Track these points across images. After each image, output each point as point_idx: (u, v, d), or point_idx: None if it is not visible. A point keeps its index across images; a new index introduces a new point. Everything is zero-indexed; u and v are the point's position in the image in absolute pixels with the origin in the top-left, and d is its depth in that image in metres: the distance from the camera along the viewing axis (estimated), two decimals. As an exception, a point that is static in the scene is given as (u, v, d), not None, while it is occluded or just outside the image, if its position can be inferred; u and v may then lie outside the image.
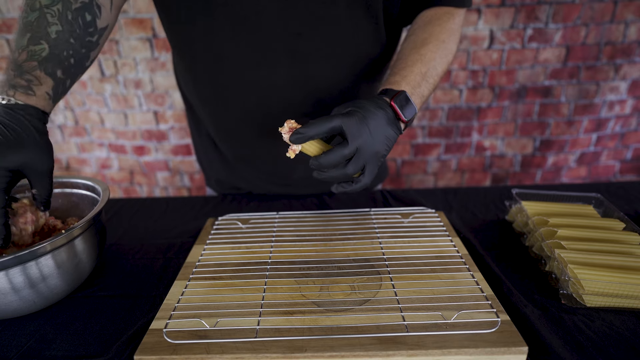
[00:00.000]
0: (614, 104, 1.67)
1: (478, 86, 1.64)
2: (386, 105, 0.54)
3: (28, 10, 0.51)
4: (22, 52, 0.50)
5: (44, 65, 0.51)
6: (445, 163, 1.82)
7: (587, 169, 1.84)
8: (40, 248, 0.48)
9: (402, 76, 0.59)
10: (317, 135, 0.51)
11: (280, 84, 0.69)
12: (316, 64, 0.68)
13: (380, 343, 0.44)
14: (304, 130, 0.50)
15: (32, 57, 0.50)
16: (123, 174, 1.82)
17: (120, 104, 1.62)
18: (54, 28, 0.51)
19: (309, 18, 0.63)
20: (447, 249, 0.61)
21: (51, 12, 0.51)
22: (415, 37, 0.65)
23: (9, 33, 1.44)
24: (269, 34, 0.64)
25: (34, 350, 0.48)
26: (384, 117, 0.53)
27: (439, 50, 0.63)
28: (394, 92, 0.56)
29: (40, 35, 0.51)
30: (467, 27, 1.52)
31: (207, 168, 0.92)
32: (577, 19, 1.48)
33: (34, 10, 0.51)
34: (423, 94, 0.60)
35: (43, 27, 0.51)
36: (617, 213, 0.65)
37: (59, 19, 0.51)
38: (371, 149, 0.52)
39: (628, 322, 0.49)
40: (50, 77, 0.51)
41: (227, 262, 0.60)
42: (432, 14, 0.67)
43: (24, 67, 0.50)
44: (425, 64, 0.61)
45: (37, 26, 0.51)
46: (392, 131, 0.53)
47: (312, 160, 0.52)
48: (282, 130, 0.52)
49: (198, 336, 0.46)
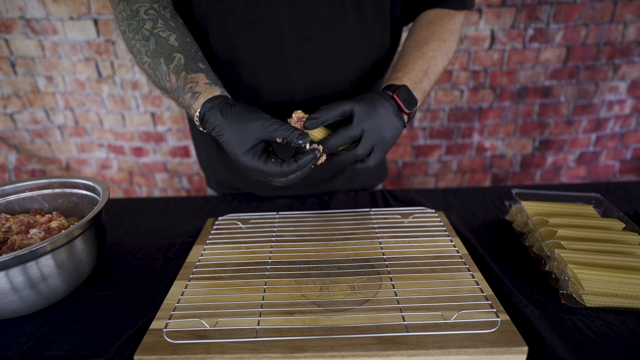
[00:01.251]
0: (613, 104, 1.67)
1: (479, 87, 1.63)
2: (390, 98, 0.56)
3: (142, 42, 0.56)
4: (171, 75, 0.55)
5: (187, 69, 0.55)
6: (446, 164, 1.81)
7: (586, 169, 1.84)
8: (40, 248, 0.48)
9: (404, 72, 0.61)
10: (330, 119, 0.53)
11: (290, 89, 0.69)
12: (324, 68, 0.68)
13: (380, 343, 0.44)
14: (317, 115, 0.52)
15: (179, 72, 0.54)
16: (122, 175, 1.81)
17: (118, 105, 1.62)
18: (172, 38, 0.56)
19: (318, 23, 0.64)
20: (447, 249, 0.61)
21: (160, 29, 0.56)
22: (417, 35, 0.67)
23: (8, 34, 1.45)
24: (278, 38, 0.65)
25: (34, 350, 0.48)
26: (390, 107, 0.55)
27: (440, 48, 0.65)
28: (396, 87, 0.58)
29: (169, 51, 0.55)
30: (468, 27, 1.52)
31: (207, 169, 0.92)
32: (577, 19, 1.48)
33: (147, 39, 0.56)
34: (425, 89, 0.62)
35: (165, 45, 0.56)
36: (616, 213, 0.65)
37: (170, 30, 0.57)
38: (378, 132, 0.53)
39: (628, 322, 0.49)
40: (198, 72, 0.54)
41: (227, 262, 0.60)
42: (434, 15, 0.68)
43: (181, 83, 0.54)
44: (426, 61, 0.63)
45: (161, 48, 0.56)
46: (398, 121, 0.56)
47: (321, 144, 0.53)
48: (291, 121, 0.53)
49: (198, 336, 0.46)
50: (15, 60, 1.50)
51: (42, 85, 1.57)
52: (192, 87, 0.53)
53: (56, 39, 1.45)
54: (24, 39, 1.46)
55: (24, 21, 1.42)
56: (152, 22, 0.56)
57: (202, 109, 0.52)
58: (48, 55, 1.50)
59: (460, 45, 1.54)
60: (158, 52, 0.55)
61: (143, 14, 0.57)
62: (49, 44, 1.47)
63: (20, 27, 1.44)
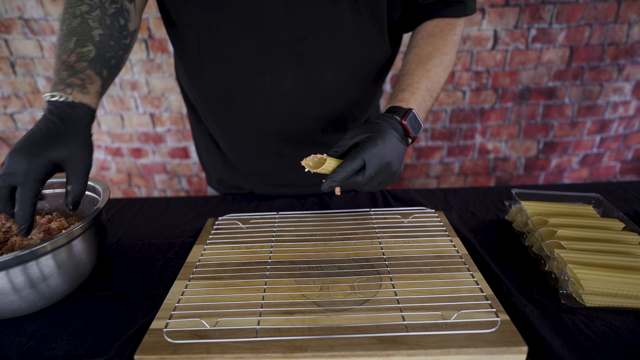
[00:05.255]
0: (617, 105, 1.66)
1: (481, 87, 1.62)
2: (398, 124, 0.57)
3: (70, 18, 0.55)
4: (72, 54, 0.53)
5: (93, 65, 0.54)
6: (448, 166, 1.80)
7: (588, 170, 1.84)
8: (41, 248, 0.48)
9: (411, 93, 0.61)
10: (345, 178, 0.53)
11: (285, 88, 0.69)
12: (320, 68, 0.68)
13: (380, 343, 0.44)
14: (334, 176, 0.52)
15: (82, 58, 0.53)
16: (121, 176, 1.81)
17: (117, 106, 1.62)
18: (96, 32, 0.55)
19: (313, 23, 0.64)
20: (446, 249, 0.61)
21: (92, 17, 0.55)
22: (419, 49, 0.66)
23: (7, 34, 1.45)
24: (273, 38, 0.64)
25: (34, 350, 0.48)
26: (397, 136, 0.56)
27: (442, 63, 0.65)
28: (404, 111, 0.59)
29: (86, 38, 0.54)
30: (471, 27, 1.51)
31: (208, 167, 0.92)
32: (580, 19, 1.48)
33: (75, 17, 0.55)
34: (428, 108, 0.63)
35: (87, 32, 0.55)
36: (616, 213, 0.65)
37: (100, 24, 0.56)
38: (381, 162, 0.54)
39: (627, 322, 0.49)
40: (98, 76, 0.54)
41: (227, 262, 0.60)
42: (435, 26, 0.68)
43: (76, 67, 0.53)
44: (430, 78, 0.63)
45: (81, 30, 0.54)
46: (403, 147, 0.57)
47: (328, 180, 0.53)
48: (305, 163, 0.54)
49: (198, 336, 0.46)
50: (15, 61, 1.50)
51: (41, 86, 1.57)
52: (85, 79, 0.52)
53: (55, 39, 1.45)
54: (23, 39, 1.46)
55: (23, 21, 1.42)
56: (89, 7, 0.55)
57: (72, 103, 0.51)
58: (47, 56, 1.50)
59: (463, 45, 1.53)
60: (77, 31, 0.54)
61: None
62: (48, 44, 1.47)
63: (19, 28, 1.44)
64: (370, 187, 0.56)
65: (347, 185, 0.55)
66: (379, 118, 0.58)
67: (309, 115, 0.73)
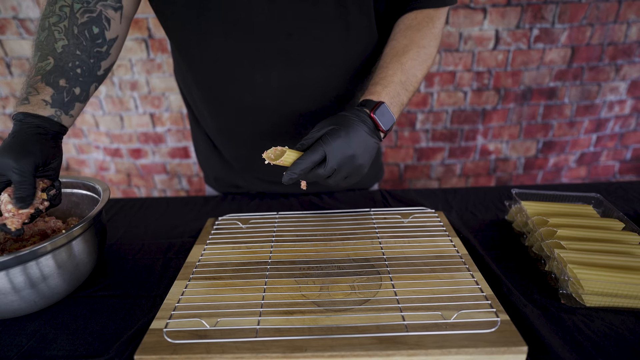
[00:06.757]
0: (613, 104, 1.66)
1: (483, 88, 1.62)
2: (367, 117, 0.56)
3: (39, 31, 0.56)
4: (33, 69, 0.55)
5: (45, 77, 0.54)
6: (449, 167, 1.79)
7: (586, 169, 1.84)
8: (41, 248, 0.48)
9: (383, 86, 0.60)
10: (306, 170, 0.52)
11: (274, 84, 0.69)
12: (309, 63, 0.68)
13: (380, 343, 0.44)
14: (294, 168, 0.52)
15: (38, 73, 0.55)
16: (120, 177, 1.81)
17: (116, 107, 1.61)
18: (60, 43, 0.56)
19: (300, 18, 0.63)
20: (446, 249, 0.61)
21: (58, 29, 0.56)
22: (396, 42, 0.65)
23: (2, 34, 1.44)
24: (260, 34, 0.64)
25: (34, 350, 0.48)
26: (365, 129, 0.55)
27: (419, 56, 0.64)
28: (373, 104, 0.58)
29: (48, 51, 0.55)
30: (472, 27, 1.50)
31: (205, 165, 0.93)
32: (583, 19, 1.48)
33: (43, 30, 0.56)
34: (402, 101, 0.62)
35: (51, 44, 0.55)
36: (616, 213, 0.65)
37: (65, 34, 0.56)
38: (345, 155, 0.53)
39: (627, 322, 0.49)
40: (50, 86, 0.54)
41: (227, 262, 0.60)
42: (413, 18, 0.66)
43: (31, 82, 0.54)
44: (405, 72, 0.62)
45: (46, 44, 0.56)
46: (373, 141, 0.56)
47: (288, 172, 0.53)
48: (266, 155, 0.53)
49: (198, 336, 0.46)
50: (11, 61, 1.50)
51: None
52: (30, 92, 0.53)
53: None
54: (18, 39, 1.45)
55: (18, 21, 1.42)
56: (58, 19, 0.56)
57: (15, 115, 0.53)
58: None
59: (464, 45, 1.52)
60: (42, 45, 0.56)
61: (57, 8, 0.56)
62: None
63: (14, 28, 1.43)
64: (335, 180, 0.55)
65: (309, 179, 0.54)
66: (347, 111, 0.57)
67: (300, 112, 0.73)
